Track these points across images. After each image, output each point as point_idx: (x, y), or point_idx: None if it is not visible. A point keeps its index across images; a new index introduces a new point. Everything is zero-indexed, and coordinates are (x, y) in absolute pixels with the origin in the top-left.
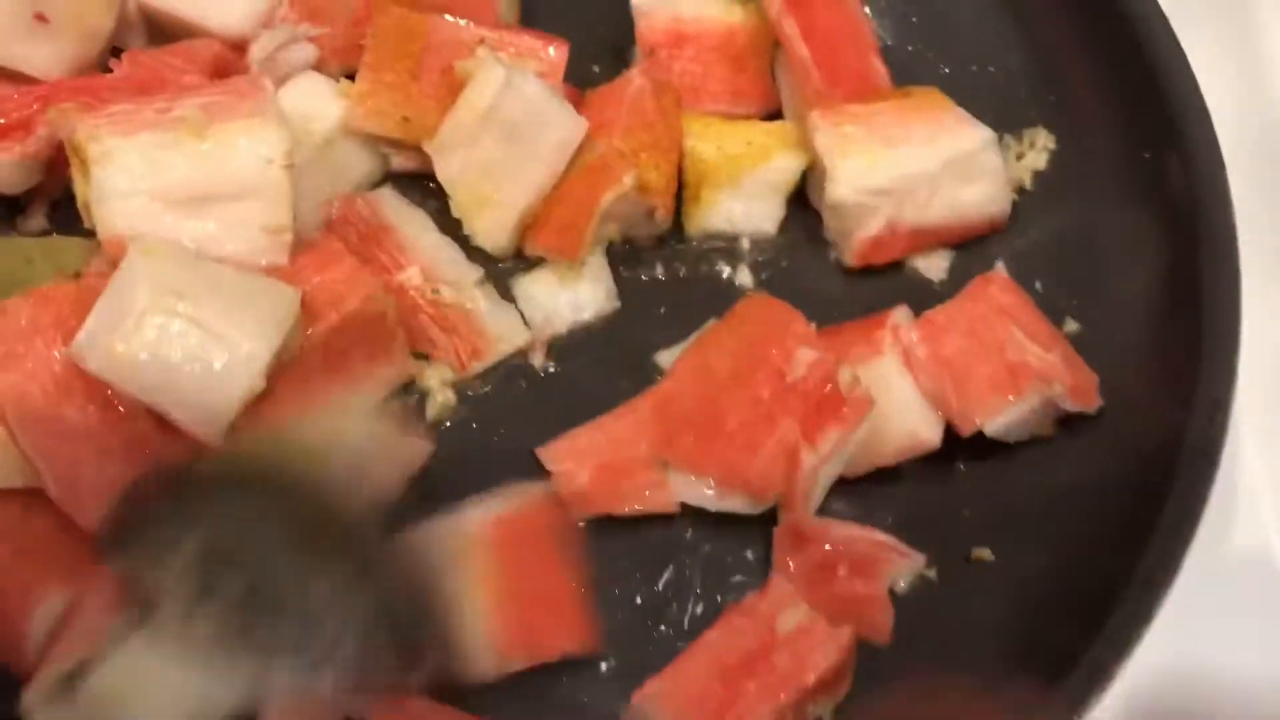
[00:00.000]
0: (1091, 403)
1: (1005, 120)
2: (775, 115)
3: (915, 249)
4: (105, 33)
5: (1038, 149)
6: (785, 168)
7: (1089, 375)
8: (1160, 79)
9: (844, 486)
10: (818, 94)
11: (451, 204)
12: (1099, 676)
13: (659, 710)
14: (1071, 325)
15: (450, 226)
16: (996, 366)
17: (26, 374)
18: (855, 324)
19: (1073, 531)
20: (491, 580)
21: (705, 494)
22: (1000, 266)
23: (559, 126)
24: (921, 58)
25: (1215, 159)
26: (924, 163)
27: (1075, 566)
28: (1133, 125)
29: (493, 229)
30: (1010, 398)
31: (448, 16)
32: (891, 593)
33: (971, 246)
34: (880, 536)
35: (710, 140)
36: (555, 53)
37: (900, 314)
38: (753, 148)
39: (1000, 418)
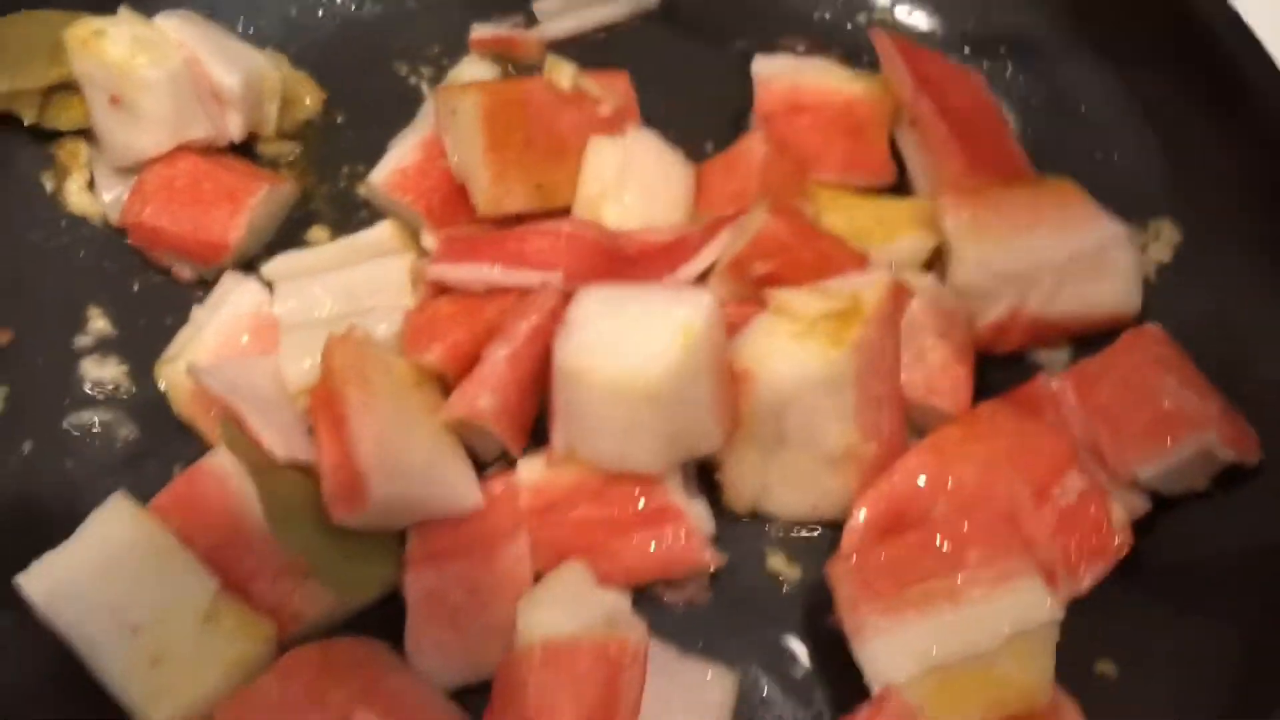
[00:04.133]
0: (1253, 454)
1: (1129, 210)
2: (891, 188)
3: (1037, 340)
4: (164, 115)
5: (1162, 242)
6: (915, 246)
7: (1249, 429)
8: None
9: None
10: (960, 175)
11: None
12: None
13: None
14: None
15: None
16: (1151, 414)
17: None
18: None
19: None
20: None
21: None
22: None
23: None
24: (1043, 142)
25: None
26: (1052, 252)
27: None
28: (1268, 219)
29: None
30: (1166, 444)
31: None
32: None
33: (1095, 340)
34: None
35: (840, 212)
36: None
37: (1045, 376)
38: (883, 223)
39: (1155, 465)
